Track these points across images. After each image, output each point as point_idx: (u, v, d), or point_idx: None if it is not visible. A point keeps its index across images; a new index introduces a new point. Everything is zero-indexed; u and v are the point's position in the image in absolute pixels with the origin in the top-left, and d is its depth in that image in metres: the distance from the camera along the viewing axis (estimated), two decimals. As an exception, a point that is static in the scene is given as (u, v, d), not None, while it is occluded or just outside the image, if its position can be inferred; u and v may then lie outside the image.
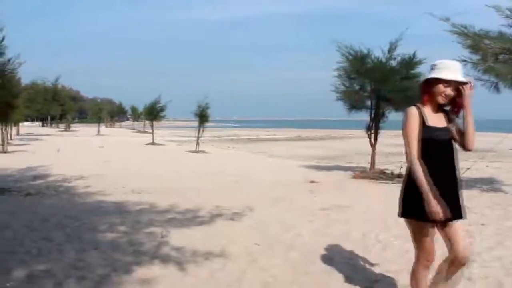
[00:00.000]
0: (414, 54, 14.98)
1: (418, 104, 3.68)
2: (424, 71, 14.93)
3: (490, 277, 5.04)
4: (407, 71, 15.05)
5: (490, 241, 6.51)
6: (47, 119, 75.56)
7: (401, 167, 15.16)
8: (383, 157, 18.36)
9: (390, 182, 13.07)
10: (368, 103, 15.50)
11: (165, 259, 5.61)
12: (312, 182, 12.87)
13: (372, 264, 5.47)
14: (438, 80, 3.57)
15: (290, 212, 8.64)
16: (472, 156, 22.59)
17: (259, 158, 22.76)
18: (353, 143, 35.20)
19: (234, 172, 15.47)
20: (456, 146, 3.73)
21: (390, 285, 4.82)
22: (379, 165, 15.64)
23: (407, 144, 3.61)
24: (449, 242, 3.62)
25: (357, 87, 15.59)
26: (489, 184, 12.47)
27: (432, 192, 3.44)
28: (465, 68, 11.42)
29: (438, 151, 3.59)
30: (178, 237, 6.63)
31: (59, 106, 62.53)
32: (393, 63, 15.12)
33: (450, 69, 3.58)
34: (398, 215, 3.81)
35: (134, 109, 73.30)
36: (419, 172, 3.49)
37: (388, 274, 5.12)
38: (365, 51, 15.11)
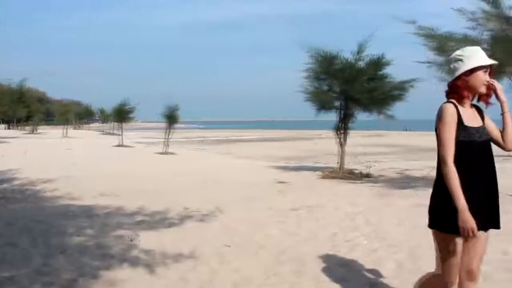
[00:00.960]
0: (382, 55, 15.18)
1: (452, 100, 3.25)
2: (391, 72, 15.18)
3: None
4: (375, 72, 15.22)
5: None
6: (13, 121, 74.02)
7: (370, 167, 15.38)
8: (352, 157, 18.53)
9: (359, 182, 13.21)
10: (337, 103, 15.62)
11: (134, 262, 5.55)
12: (281, 182, 12.91)
13: (341, 264, 5.52)
14: (476, 69, 3.20)
15: (260, 212, 8.65)
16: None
17: (228, 159, 22.74)
18: (322, 144, 35.46)
19: (203, 173, 15.41)
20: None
21: (358, 284, 4.86)
22: (348, 165, 15.79)
23: (442, 146, 3.17)
24: (466, 252, 3.26)
25: (325, 88, 15.71)
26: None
27: (468, 205, 3.04)
28: (430, 70, 11.66)
29: (477, 155, 3.21)
30: (147, 240, 6.57)
31: (25, 108, 61.17)
32: (362, 64, 15.28)
33: (480, 53, 3.27)
34: (428, 226, 3.49)
35: (102, 111, 72.36)
36: (455, 180, 3.08)
37: (356, 274, 5.17)
38: (334, 52, 15.24)
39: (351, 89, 14.77)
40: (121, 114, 34.68)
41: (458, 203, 3.04)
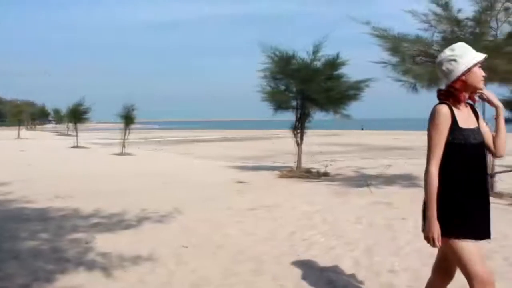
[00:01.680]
0: (337, 55, 15.41)
1: (446, 102, 3.06)
2: (347, 72, 15.42)
3: (411, 268, 5.26)
4: (331, 71, 15.43)
5: (410, 234, 6.79)
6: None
7: (327, 166, 15.56)
8: (309, 156, 18.70)
9: (316, 180, 13.36)
10: (294, 103, 15.75)
11: (90, 266, 5.46)
12: (240, 182, 12.93)
13: (299, 263, 5.57)
14: (472, 66, 3.05)
15: (218, 212, 8.64)
16: (392, 153, 23.49)
17: (187, 160, 22.61)
18: (280, 143, 35.65)
19: (161, 174, 15.28)
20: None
21: (316, 281, 4.92)
22: (305, 164, 15.93)
23: (428, 150, 3.05)
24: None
25: (282, 88, 15.83)
26: (408, 180, 13.00)
27: (463, 212, 2.98)
28: (385, 70, 11.90)
29: (471, 158, 3.05)
30: (104, 242, 6.48)
31: None
32: (318, 64, 15.46)
33: (469, 48, 3.13)
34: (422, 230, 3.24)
35: (56, 111, 70.71)
36: (433, 188, 2.98)
37: (314, 272, 5.23)
38: (290, 52, 15.39)
39: (307, 88, 14.94)
40: (76, 115, 34.05)
41: (429, 212, 3.00)
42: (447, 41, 11.11)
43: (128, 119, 26.73)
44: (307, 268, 5.34)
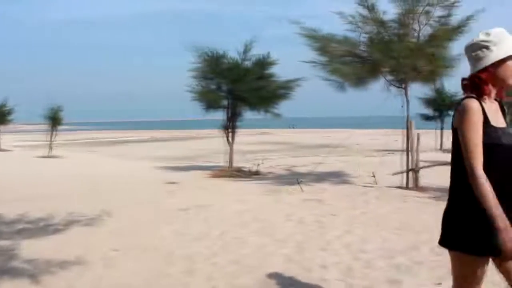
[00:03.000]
0: (267, 55, 15.56)
1: (474, 96, 2.63)
2: (277, 72, 15.60)
3: (341, 263, 5.39)
4: (261, 71, 15.55)
5: (340, 230, 6.96)
6: None
7: (258, 165, 15.66)
8: (241, 155, 18.77)
9: (248, 179, 13.43)
10: (225, 102, 15.76)
11: (16, 273, 5.23)
12: (171, 183, 12.79)
13: (231, 261, 5.57)
14: (506, 57, 2.62)
15: (149, 214, 8.52)
16: (322, 151, 23.97)
17: (117, 161, 22.14)
18: (212, 143, 35.55)
19: (90, 176, 14.88)
20: None
21: (248, 280, 4.94)
22: (236, 163, 15.98)
23: (468, 152, 2.54)
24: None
25: (213, 87, 15.80)
26: (339, 177, 13.31)
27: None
28: (314, 69, 12.13)
29: (505, 161, 2.60)
30: (30, 248, 6.22)
31: None
32: (248, 63, 15.55)
33: (509, 37, 2.67)
34: (440, 243, 2.96)
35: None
36: (488, 190, 2.46)
37: (247, 270, 5.24)
38: (221, 52, 15.39)
39: (238, 88, 14.99)
40: (-2, 116, 32.47)
41: (499, 221, 2.43)
42: (373, 42, 11.49)
43: (54, 120, 25.81)
44: (240, 267, 5.35)
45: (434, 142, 25.20)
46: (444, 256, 5.57)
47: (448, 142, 27.12)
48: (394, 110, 11.87)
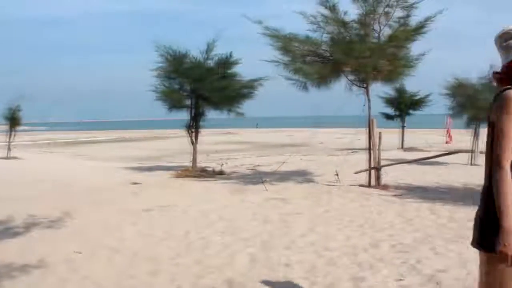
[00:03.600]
0: (230, 54, 15.55)
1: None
2: (241, 71, 15.61)
3: (305, 261, 5.44)
4: (224, 70, 15.53)
5: (304, 229, 7.03)
6: None
7: (222, 164, 15.65)
8: (205, 155, 18.75)
9: (212, 179, 13.40)
10: (188, 102, 15.69)
11: (-27, 278, 5.11)
12: (135, 183, 12.66)
13: (196, 261, 5.57)
14: None
15: (112, 215, 8.42)
16: (286, 150, 24.12)
17: (79, 162, 21.79)
18: (176, 143, 35.36)
19: (52, 177, 14.59)
20: None
21: (213, 280, 4.95)
22: (201, 163, 15.94)
23: (500, 144, 2.38)
24: None
25: (176, 87, 15.72)
26: (303, 176, 13.41)
27: None
28: (277, 69, 12.18)
29: None
30: (-12, 253, 6.08)
31: None
32: (211, 63, 15.52)
33: None
34: (472, 244, 2.75)
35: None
36: (507, 187, 2.33)
37: (212, 270, 5.25)
38: (183, 51, 15.32)
39: (201, 87, 14.95)
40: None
41: (506, 220, 2.32)
42: (335, 42, 11.62)
43: (13, 120, 25.20)
44: (205, 267, 5.35)
45: (397, 141, 25.66)
46: (405, 253, 5.71)
47: (409, 141, 27.55)
48: (357, 109, 12.04)
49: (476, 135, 17.25)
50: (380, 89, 24.69)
